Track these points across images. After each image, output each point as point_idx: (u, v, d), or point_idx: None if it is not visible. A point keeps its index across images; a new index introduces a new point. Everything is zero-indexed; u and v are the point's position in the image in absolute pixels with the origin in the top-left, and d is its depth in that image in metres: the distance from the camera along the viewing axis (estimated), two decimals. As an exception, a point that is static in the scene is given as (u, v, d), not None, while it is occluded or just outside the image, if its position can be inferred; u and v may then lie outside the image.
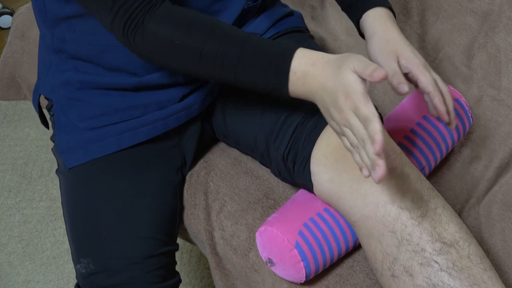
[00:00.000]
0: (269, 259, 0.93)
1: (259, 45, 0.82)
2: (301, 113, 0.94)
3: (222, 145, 1.14)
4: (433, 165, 1.02)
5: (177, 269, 1.05)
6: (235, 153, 1.12)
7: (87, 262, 0.96)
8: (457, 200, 1.05)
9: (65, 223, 1.02)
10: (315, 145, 0.90)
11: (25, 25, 1.42)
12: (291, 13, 1.10)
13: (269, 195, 1.05)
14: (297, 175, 0.94)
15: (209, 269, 1.63)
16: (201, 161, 1.12)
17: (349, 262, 0.97)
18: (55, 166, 1.89)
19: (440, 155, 1.02)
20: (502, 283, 0.79)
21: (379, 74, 0.73)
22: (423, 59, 0.90)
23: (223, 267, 1.04)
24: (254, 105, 1.00)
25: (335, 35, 1.37)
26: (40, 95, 1.08)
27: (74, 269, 1.57)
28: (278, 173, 0.99)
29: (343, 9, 1.03)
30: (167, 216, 1.03)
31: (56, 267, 1.66)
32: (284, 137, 0.94)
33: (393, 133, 1.00)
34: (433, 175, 1.08)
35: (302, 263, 0.89)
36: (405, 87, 0.82)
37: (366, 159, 0.75)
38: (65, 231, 1.43)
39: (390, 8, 0.97)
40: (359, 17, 0.97)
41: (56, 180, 1.87)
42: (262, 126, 0.98)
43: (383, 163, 0.73)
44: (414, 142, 0.98)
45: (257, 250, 0.99)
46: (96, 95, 1.00)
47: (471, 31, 1.31)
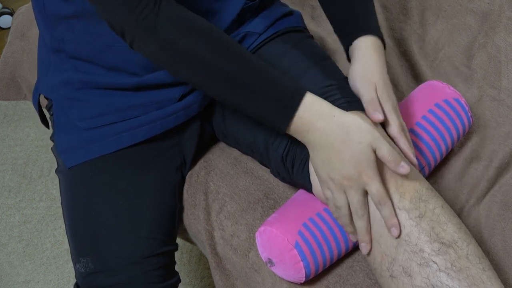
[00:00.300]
0: (269, 259, 0.93)
1: (272, 76, 0.83)
2: None
3: (222, 145, 1.14)
4: (433, 165, 1.02)
5: (177, 269, 1.05)
6: (235, 153, 1.12)
7: (86, 261, 0.96)
8: (457, 200, 1.05)
9: (64, 223, 1.02)
10: None
11: (25, 25, 1.42)
12: (291, 13, 1.10)
13: (269, 195, 1.05)
14: (296, 176, 0.94)
15: (209, 269, 1.63)
16: (201, 161, 1.12)
17: (349, 262, 0.97)
18: (55, 166, 1.89)
19: (440, 155, 1.02)
20: (501, 283, 0.79)
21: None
22: (396, 101, 0.91)
23: (223, 267, 1.04)
24: None
25: (335, 35, 1.37)
26: (40, 94, 1.08)
27: (74, 269, 1.56)
28: (277, 174, 0.99)
29: (335, 31, 1.03)
30: (167, 216, 1.03)
31: (56, 267, 1.66)
32: (283, 137, 0.94)
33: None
34: (433, 175, 1.08)
35: (302, 263, 0.89)
36: (380, 116, 0.85)
37: (350, 228, 0.84)
38: (65, 231, 1.43)
39: (381, 37, 0.96)
40: (349, 44, 0.97)
41: (56, 180, 1.87)
42: (261, 126, 0.98)
43: (369, 240, 0.82)
44: (413, 142, 0.98)
45: (257, 250, 0.99)
46: (96, 95, 1.00)
47: (471, 31, 1.31)
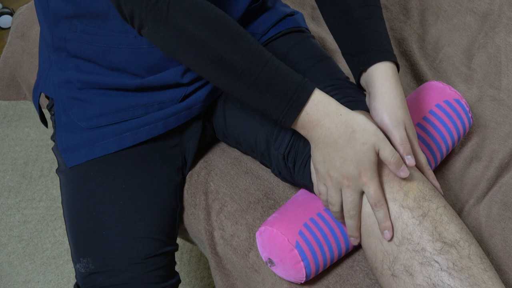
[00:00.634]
0: (269, 259, 0.92)
1: (281, 68, 0.82)
2: None
3: (222, 145, 1.14)
4: (433, 165, 1.02)
5: (177, 269, 1.05)
6: (235, 153, 1.12)
7: (86, 262, 0.96)
8: (457, 200, 1.05)
9: (65, 223, 1.02)
10: None
11: (25, 25, 1.42)
12: (292, 13, 1.10)
13: (269, 195, 1.05)
14: (297, 175, 0.94)
15: (209, 269, 1.63)
16: (201, 161, 1.12)
17: (349, 262, 0.97)
18: (55, 166, 1.89)
19: (440, 156, 1.02)
20: (502, 283, 0.79)
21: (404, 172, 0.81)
22: (416, 132, 0.91)
23: (223, 267, 1.04)
24: None
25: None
26: (40, 93, 1.07)
27: (74, 269, 1.56)
28: (278, 173, 0.99)
29: (343, 55, 0.96)
30: (167, 216, 1.03)
31: (56, 267, 1.66)
32: (284, 136, 0.94)
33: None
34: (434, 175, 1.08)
35: (302, 263, 0.89)
36: (413, 161, 0.84)
37: (342, 221, 0.87)
38: (65, 231, 1.43)
39: (396, 62, 0.91)
40: (364, 70, 0.92)
41: (56, 180, 1.87)
42: (262, 125, 0.98)
43: (358, 236, 0.86)
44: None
45: (257, 250, 0.99)
46: (97, 95, 1.00)
47: (471, 31, 1.31)
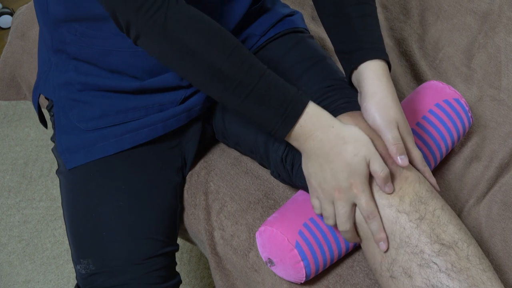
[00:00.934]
0: (269, 259, 0.93)
1: (275, 81, 0.82)
2: None
3: (222, 145, 1.14)
4: (433, 165, 1.02)
5: (177, 269, 1.05)
6: (235, 153, 1.12)
7: (87, 262, 0.96)
8: (457, 200, 1.05)
9: (65, 224, 1.02)
10: None
11: (25, 25, 1.42)
12: (291, 14, 1.10)
13: (269, 195, 1.05)
14: (296, 177, 0.94)
15: (209, 269, 1.63)
16: (201, 161, 1.12)
17: (349, 262, 0.97)
18: (55, 166, 1.89)
19: (440, 156, 1.02)
20: (501, 283, 0.79)
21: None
22: (411, 131, 0.89)
23: (223, 267, 1.04)
24: None
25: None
26: (40, 94, 1.07)
27: (74, 269, 1.56)
28: (277, 175, 0.99)
29: (337, 52, 0.95)
30: (167, 216, 1.03)
31: (56, 267, 1.66)
32: (282, 139, 0.94)
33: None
34: (433, 175, 1.07)
35: (302, 263, 0.89)
36: (406, 161, 0.83)
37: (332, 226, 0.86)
38: (65, 231, 1.43)
39: (387, 61, 0.90)
40: (355, 67, 0.90)
41: (56, 180, 1.87)
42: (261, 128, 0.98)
43: (354, 241, 0.86)
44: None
45: (257, 250, 0.99)
46: (97, 97, 1.00)
47: (471, 31, 1.31)
